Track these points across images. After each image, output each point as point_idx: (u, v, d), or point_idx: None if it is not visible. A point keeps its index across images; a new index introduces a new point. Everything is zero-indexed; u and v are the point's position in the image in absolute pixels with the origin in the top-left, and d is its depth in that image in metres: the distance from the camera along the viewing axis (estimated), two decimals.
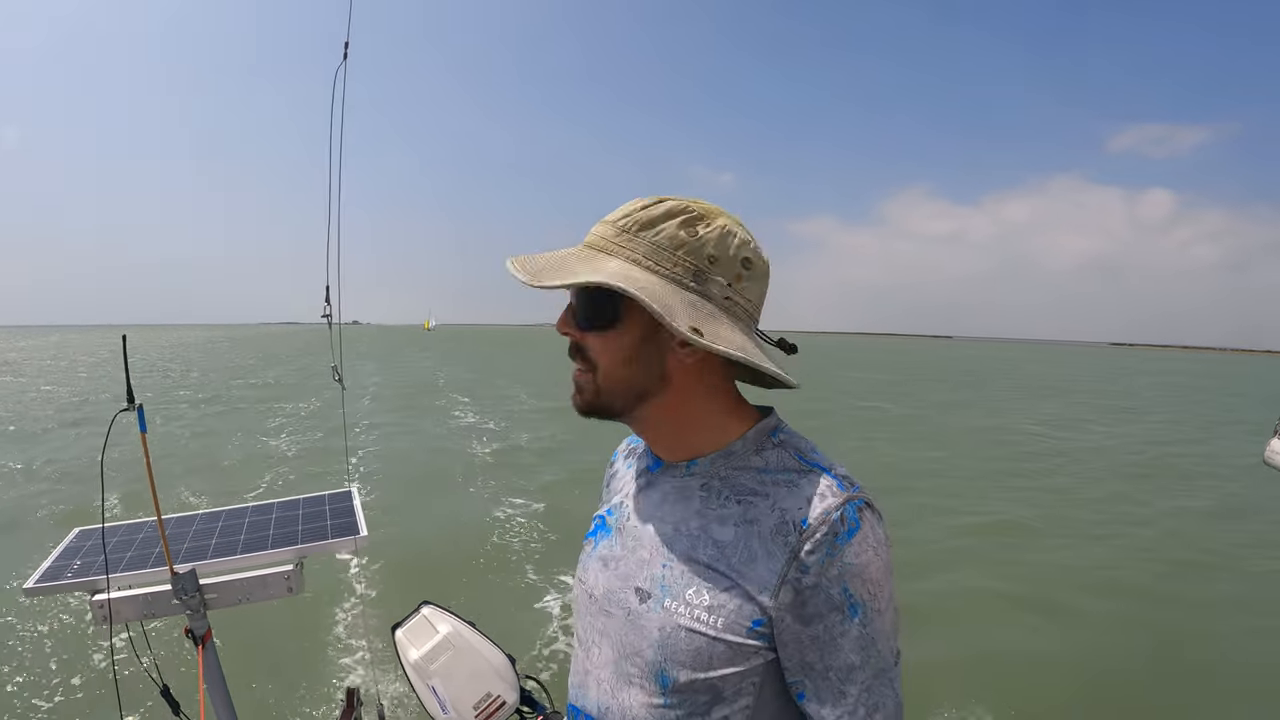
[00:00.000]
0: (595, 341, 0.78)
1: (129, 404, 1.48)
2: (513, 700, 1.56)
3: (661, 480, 0.84)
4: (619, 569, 0.82)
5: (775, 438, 0.81)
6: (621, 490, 0.91)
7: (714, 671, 0.71)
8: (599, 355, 0.78)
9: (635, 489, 0.88)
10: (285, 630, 4.52)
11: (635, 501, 0.86)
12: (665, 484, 0.83)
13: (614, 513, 0.89)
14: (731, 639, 0.71)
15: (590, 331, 0.78)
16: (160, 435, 11.93)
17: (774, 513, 0.73)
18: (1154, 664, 4.57)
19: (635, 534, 0.83)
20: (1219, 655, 4.73)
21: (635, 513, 0.85)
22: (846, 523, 0.70)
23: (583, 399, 0.81)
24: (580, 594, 0.88)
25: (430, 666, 1.53)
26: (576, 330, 0.79)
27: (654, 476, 0.85)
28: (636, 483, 0.88)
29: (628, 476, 0.92)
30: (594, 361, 0.78)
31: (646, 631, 0.75)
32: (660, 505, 0.82)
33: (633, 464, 0.93)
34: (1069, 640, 4.87)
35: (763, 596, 0.70)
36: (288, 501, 2.01)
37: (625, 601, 0.79)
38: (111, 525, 2.00)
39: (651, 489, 0.85)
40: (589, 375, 0.79)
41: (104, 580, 1.64)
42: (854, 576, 0.69)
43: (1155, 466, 11.83)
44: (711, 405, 0.82)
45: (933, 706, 3.89)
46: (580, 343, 0.79)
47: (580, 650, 0.86)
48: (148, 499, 1.58)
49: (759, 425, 0.82)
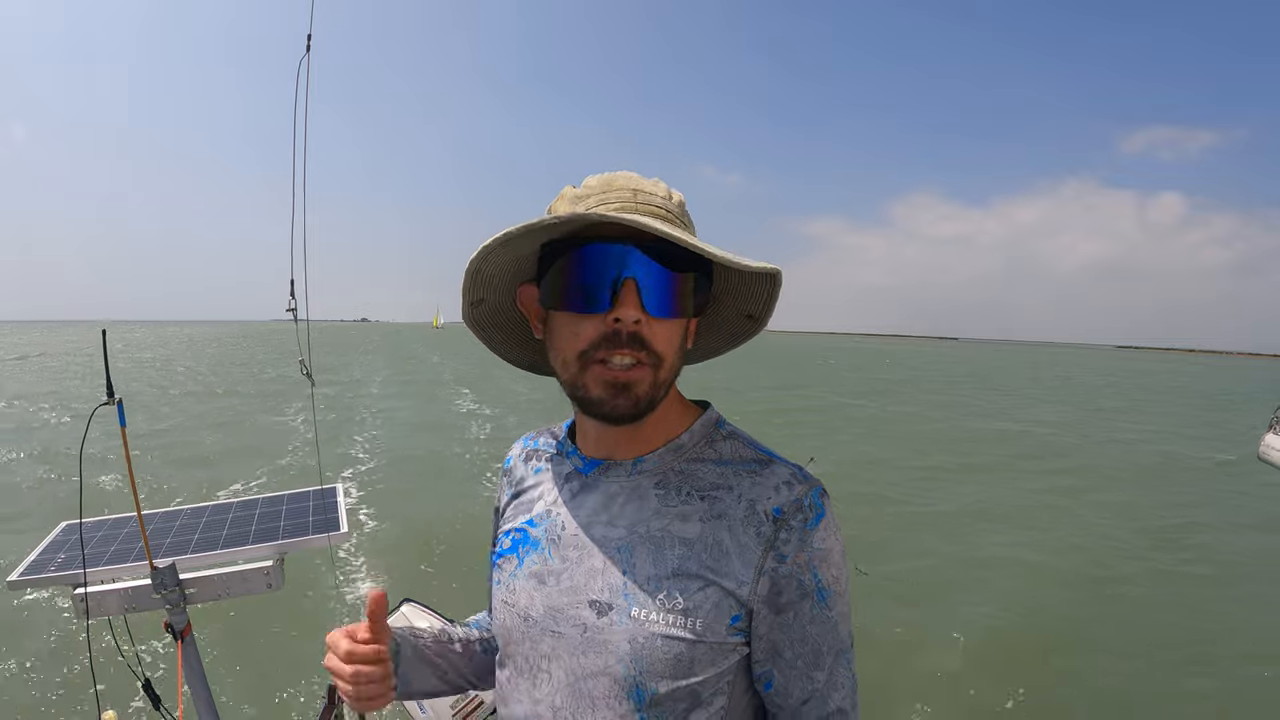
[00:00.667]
0: (663, 330, 0.69)
1: (109, 398, 1.48)
2: (490, 700, 1.56)
3: (602, 482, 0.77)
4: (562, 583, 0.74)
5: (722, 429, 0.78)
6: (541, 499, 0.81)
7: (694, 677, 0.68)
8: (664, 346, 0.69)
9: (566, 495, 0.79)
10: (267, 626, 4.52)
11: (570, 509, 0.77)
12: (607, 485, 0.76)
13: (539, 524, 0.79)
14: (711, 639, 0.68)
15: (665, 317, 0.69)
16: (162, 430, 11.95)
17: (741, 504, 0.70)
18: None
19: (578, 543, 0.74)
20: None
21: (573, 520, 0.76)
22: (814, 509, 0.69)
23: (635, 397, 0.69)
24: (510, 618, 0.77)
25: None
26: (646, 314, 0.67)
27: (590, 478, 0.78)
28: (566, 487, 0.79)
29: (543, 482, 0.83)
30: (657, 353, 0.69)
31: (613, 646, 0.69)
32: (606, 508, 0.75)
33: (544, 468, 0.84)
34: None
35: (740, 590, 0.68)
36: (272, 498, 2.01)
37: (578, 618, 0.71)
38: (98, 520, 2.00)
39: (589, 492, 0.77)
40: (647, 369, 0.69)
41: (84, 574, 1.64)
42: (822, 561, 0.69)
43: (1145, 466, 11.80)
44: (675, 394, 0.78)
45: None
46: (642, 332, 0.68)
47: (522, 680, 0.76)
48: (151, 495, 1.57)
49: (704, 417, 0.79)
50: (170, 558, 1.68)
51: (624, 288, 0.66)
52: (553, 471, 0.83)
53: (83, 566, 1.60)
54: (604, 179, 0.72)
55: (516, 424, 13.81)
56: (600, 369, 0.69)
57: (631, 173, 0.73)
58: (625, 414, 0.69)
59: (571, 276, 0.68)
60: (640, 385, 0.68)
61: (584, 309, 0.68)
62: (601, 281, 0.67)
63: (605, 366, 0.68)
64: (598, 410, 0.70)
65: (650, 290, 0.67)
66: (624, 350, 0.67)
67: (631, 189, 0.70)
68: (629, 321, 0.66)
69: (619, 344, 0.67)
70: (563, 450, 0.83)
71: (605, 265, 0.66)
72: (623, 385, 0.68)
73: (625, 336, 0.67)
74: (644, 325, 0.67)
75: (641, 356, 0.68)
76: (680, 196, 0.73)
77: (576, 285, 0.68)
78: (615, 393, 0.68)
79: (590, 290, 0.67)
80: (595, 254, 0.67)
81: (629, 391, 0.68)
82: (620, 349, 0.67)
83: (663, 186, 0.72)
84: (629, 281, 0.66)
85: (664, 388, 0.71)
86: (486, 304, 0.81)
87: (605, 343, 0.68)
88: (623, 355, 0.67)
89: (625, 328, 0.67)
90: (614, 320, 0.67)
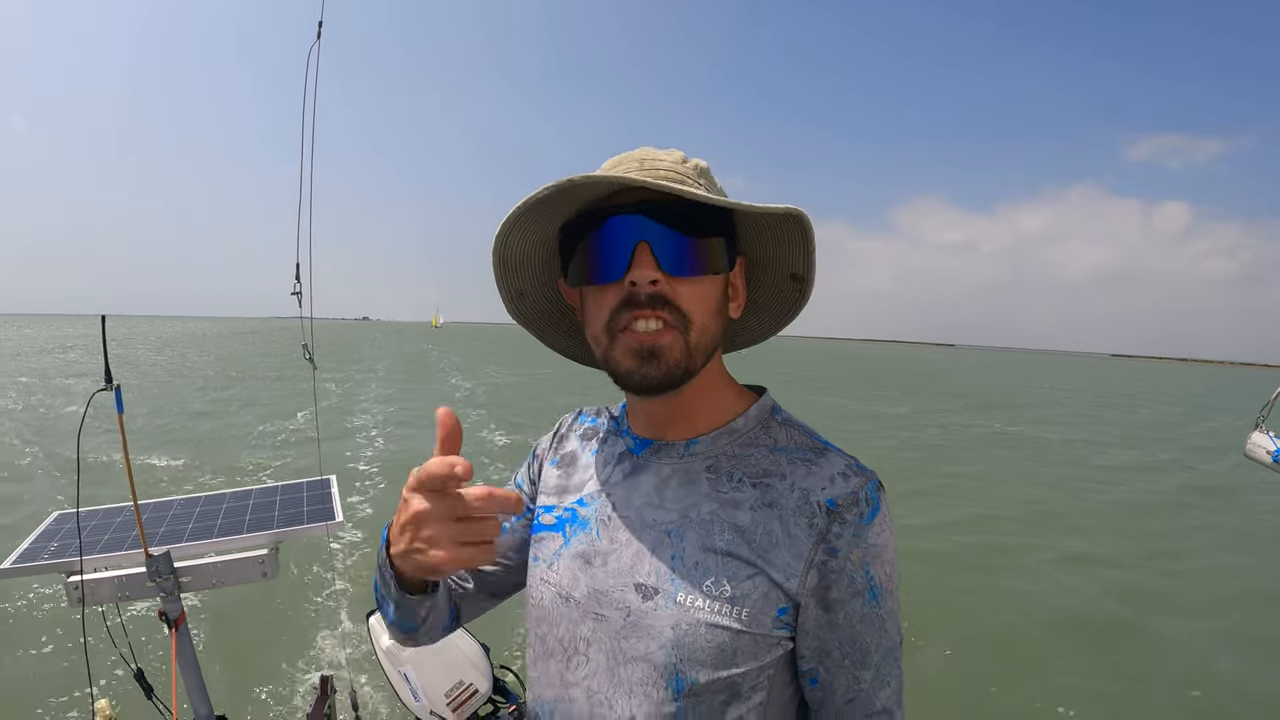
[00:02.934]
0: (688, 289, 0.67)
1: (107, 384, 1.48)
2: (485, 689, 1.57)
3: (653, 463, 0.75)
4: (609, 565, 0.72)
5: (779, 415, 0.76)
6: (593, 478, 0.80)
7: (735, 668, 0.65)
8: (692, 306, 0.67)
9: (618, 476, 0.77)
10: (261, 615, 4.49)
11: (621, 490, 0.76)
12: (660, 467, 0.75)
13: (588, 503, 0.78)
14: (756, 631, 0.65)
15: (686, 276, 0.67)
16: (160, 424, 11.90)
17: (794, 493, 0.68)
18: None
19: (628, 525, 0.73)
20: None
21: (623, 501, 0.75)
22: (870, 503, 0.67)
23: (666, 364, 0.67)
24: (550, 598, 0.76)
25: (402, 654, 1.53)
26: (664, 274, 0.66)
27: (641, 459, 0.76)
28: (616, 468, 0.78)
29: (594, 461, 0.82)
30: (685, 314, 0.67)
31: (656, 631, 0.67)
32: (658, 491, 0.73)
33: (595, 447, 0.83)
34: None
35: (789, 583, 0.66)
36: (266, 488, 2.01)
37: (622, 601, 0.70)
38: (91, 509, 2.00)
39: (641, 474, 0.75)
40: (673, 333, 0.67)
41: (79, 562, 1.64)
42: (875, 558, 0.67)
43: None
44: (722, 374, 0.77)
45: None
46: (664, 293, 0.66)
47: (554, 661, 0.74)
48: (148, 485, 1.58)
49: (760, 402, 0.76)
50: (165, 546, 1.68)
51: (638, 250, 0.66)
52: (605, 451, 0.81)
53: (79, 554, 1.60)
54: (620, 155, 0.72)
55: (498, 405, 13.81)
56: (627, 337, 0.67)
57: (649, 146, 0.72)
58: (656, 383, 0.68)
59: (589, 251, 0.68)
60: (670, 351, 0.67)
61: (603, 279, 0.68)
62: (617, 249, 0.66)
63: (631, 334, 0.67)
64: (630, 382, 0.69)
65: (665, 250, 0.66)
66: (645, 311, 0.66)
67: (640, 158, 0.70)
68: (645, 282, 0.65)
69: (639, 305, 0.66)
70: (616, 429, 0.82)
71: (618, 234, 0.66)
72: (649, 351, 0.67)
73: (645, 298, 0.66)
74: (664, 285, 0.66)
75: (665, 316, 0.66)
76: (700, 163, 0.72)
77: (594, 258, 0.68)
78: (643, 360, 0.67)
79: (607, 260, 0.67)
80: (608, 226, 0.67)
81: (657, 359, 0.67)
82: (641, 310, 0.66)
83: (677, 154, 0.71)
84: (641, 245, 0.66)
85: (701, 354, 0.69)
86: (529, 297, 0.81)
87: (626, 307, 0.67)
88: (646, 318, 0.66)
89: (643, 289, 0.66)
90: (630, 283, 0.66)
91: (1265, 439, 2.70)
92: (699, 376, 0.71)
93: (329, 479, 2.00)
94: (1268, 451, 2.68)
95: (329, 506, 1.81)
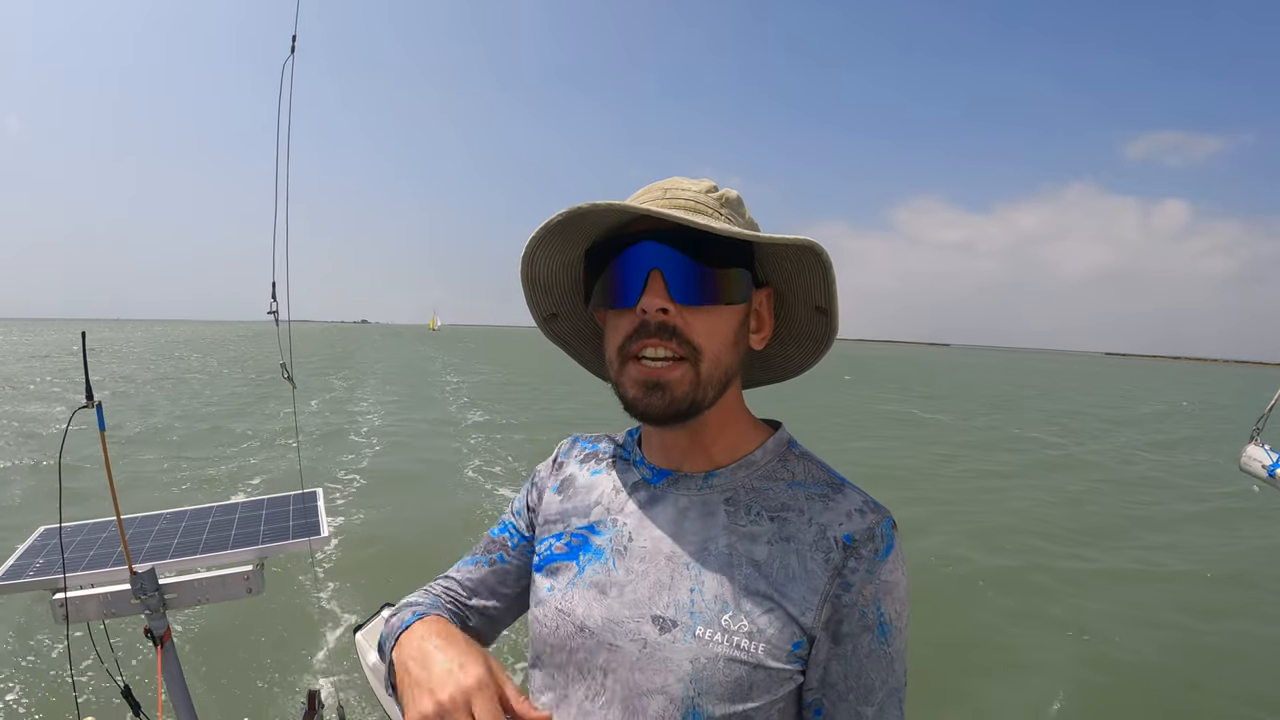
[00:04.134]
0: (700, 320, 0.67)
1: (88, 402, 1.48)
2: None
3: (671, 494, 0.75)
4: (625, 596, 0.71)
5: (795, 449, 0.77)
6: (602, 504, 0.79)
7: (750, 702, 0.66)
8: (704, 337, 0.67)
9: (632, 505, 0.76)
10: (248, 631, 4.46)
11: (637, 519, 0.75)
12: (678, 498, 0.74)
13: (601, 532, 0.76)
14: (772, 665, 0.66)
15: (697, 306, 0.67)
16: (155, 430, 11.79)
17: (811, 528, 0.69)
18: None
19: (646, 555, 0.72)
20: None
21: (641, 531, 0.74)
22: (885, 539, 0.68)
23: (672, 396, 0.67)
24: (563, 626, 0.74)
25: None
26: (674, 304, 0.66)
27: (659, 490, 0.76)
28: (633, 497, 0.77)
29: (603, 487, 0.80)
30: (695, 345, 0.67)
31: (674, 664, 0.67)
32: (676, 522, 0.73)
33: (603, 473, 0.82)
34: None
35: (805, 617, 0.66)
36: (252, 502, 2.01)
37: (639, 633, 0.69)
38: (76, 524, 1.99)
39: (659, 504, 0.75)
40: (683, 366, 0.67)
41: (64, 579, 1.63)
42: (887, 595, 0.67)
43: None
44: (740, 406, 0.77)
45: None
46: (673, 323, 0.67)
47: (570, 691, 0.73)
48: (143, 499, 1.57)
49: (777, 436, 0.77)
50: (150, 562, 1.68)
51: (650, 278, 0.66)
52: (617, 478, 0.80)
53: (62, 571, 1.60)
54: (650, 184, 0.73)
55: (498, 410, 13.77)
56: (635, 366, 0.68)
57: (679, 177, 0.73)
58: (659, 413, 0.68)
59: (607, 276, 0.69)
60: (678, 385, 0.67)
61: (617, 304, 0.69)
62: (631, 276, 0.67)
63: (640, 364, 0.68)
64: (635, 411, 0.70)
65: (677, 279, 0.66)
66: (654, 340, 0.67)
67: (663, 187, 0.71)
68: (654, 310, 0.66)
69: (648, 334, 0.67)
70: (629, 458, 0.81)
71: (633, 261, 0.67)
72: (655, 383, 0.67)
73: (654, 326, 0.67)
74: (675, 315, 0.67)
75: (673, 348, 0.67)
76: (729, 193, 0.72)
77: (611, 283, 0.69)
78: (648, 391, 0.67)
79: (622, 286, 0.68)
80: (626, 253, 0.68)
81: (663, 390, 0.67)
82: (650, 339, 0.67)
83: (706, 183, 0.72)
84: (654, 273, 0.66)
85: (713, 386, 0.69)
86: (561, 319, 0.83)
87: (637, 335, 0.68)
88: (655, 346, 0.67)
89: (652, 317, 0.66)
90: (641, 311, 0.67)
91: (1261, 452, 2.63)
92: (717, 408, 0.71)
93: (315, 492, 2.00)
94: (1263, 465, 2.62)
95: (314, 521, 1.81)
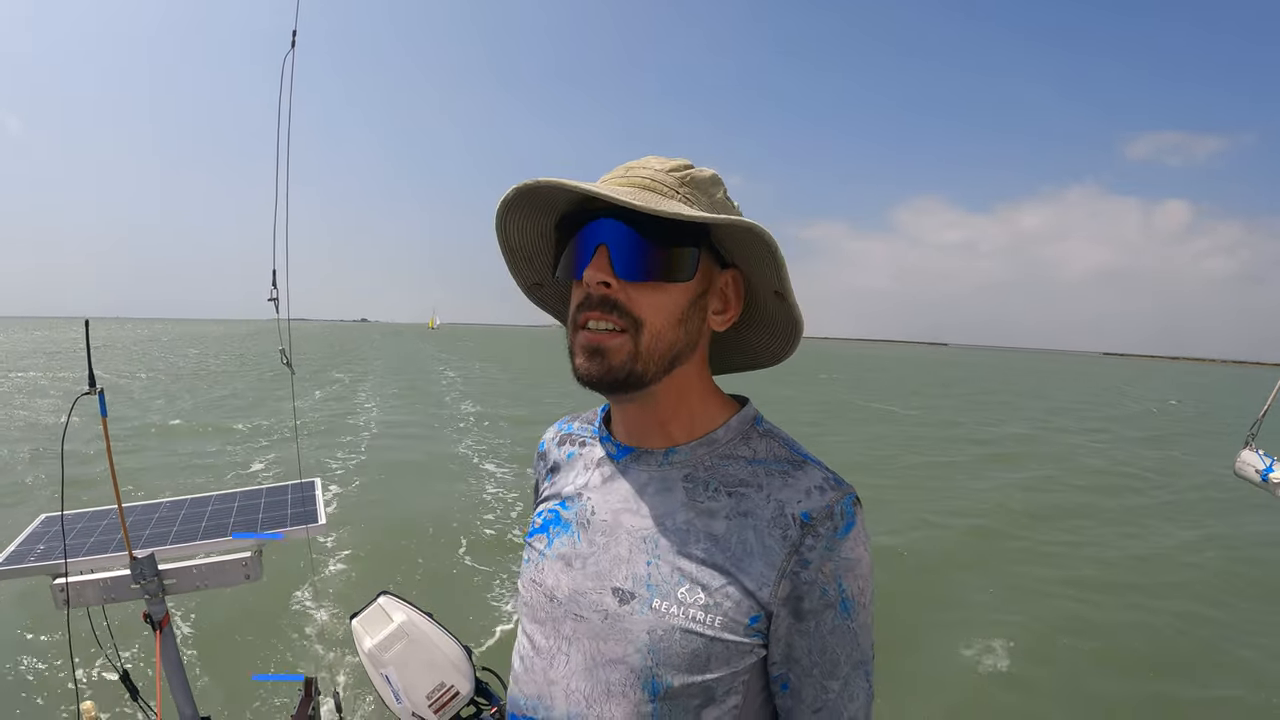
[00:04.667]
0: (644, 295, 0.69)
1: (90, 388, 1.49)
2: (467, 691, 1.58)
3: (632, 470, 0.77)
4: (588, 568, 0.74)
5: (760, 427, 0.77)
6: (573, 482, 0.82)
7: (709, 674, 0.67)
8: (647, 312, 0.69)
9: (596, 480, 0.79)
10: (246, 618, 4.49)
11: (600, 494, 0.78)
12: (638, 474, 0.76)
13: (570, 506, 0.80)
14: (729, 638, 0.67)
15: (641, 282, 0.68)
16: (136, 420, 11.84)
17: (770, 504, 0.69)
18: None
19: (606, 529, 0.75)
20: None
21: (602, 505, 0.77)
22: (845, 517, 0.68)
23: (608, 364, 0.69)
24: (535, 597, 0.78)
25: (384, 655, 1.55)
26: (616, 279, 0.68)
27: (621, 465, 0.78)
28: (596, 473, 0.80)
29: (575, 467, 0.83)
30: (636, 318, 0.69)
31: (632, 635, 0.69)
32: (636, 497, 0.75)
33: (576, 453, 0.85)
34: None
35: (761, 592, 0.67)
36: (251, 491, 2.03)
37: (600, 604, 0.72)
38: (78, 512, 2.01)
39: (619, 479, 0.77)
40: (623, 337, 0.68)
41: (65, 565, 1.65)
42: (848, 571, 0.68)
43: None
44: (703, 385, 0.78)
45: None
46: (615, 296, 0.68)
47: (538, 659, 0.76)
48: (147, 485, 1.59)
49: (741, 413, 0.77)
50: (149, 549, 1.69)
51: (596, 253, 0.68)
52: (585, 456, 0.83)
53: (64, 557, 1.61)
54: (629, 162, 0.74)
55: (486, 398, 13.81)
56: (581, 334, 0.70)
57: (652, 156, 0.74)
58: (597, 378, 0.69)
59: (570, 249, 0.71)
60: (615, 353, 0.68)
61: (570, 276, 0.72)
62: (582, 250, 0.69)
63: (584, 331, 0.70)
64: (578, 376, 0.71)
65: (622, 255, 0.67)
66: (595, 313, 0.68)
67: (628, 166, 0.72)
68: (595, 283, 0.68)
69: (591, 306, 0.69)
70: (597, 435, 0.84)
71: (586, 236, 0.69)
72: (594, 349, 0.69)
73: (596, 299, 0.68)
74: (617, 289, 0.68)
75: (614, 320, 0.68)
76: (694, 173, 0.72)
77: (570, 256, 0.71)
78: (589, 356, 0.69)
79: (576, 260, 0.70)
80: (585, 229, 0.69)
81: (601, 357, 0.69)
82: (592, 312, 0.69)
83: (672, 162, 0.72)
84: (600, 248, 0.68)
85: (654, 360, 0.70)
86: (546, 288, 0.85)
87: (582, 307, 0.70)
88: (596, 319, 0.69)
89: (594, 290, 0.68)
90: (586, 284, 0.69)
91: (1255, 457, 2.67)
92: (669, 384, 0.73)
93: (313, 482, 2.01)
94: (1257, 470, 2.65)
95: (313, 509, 1.83)
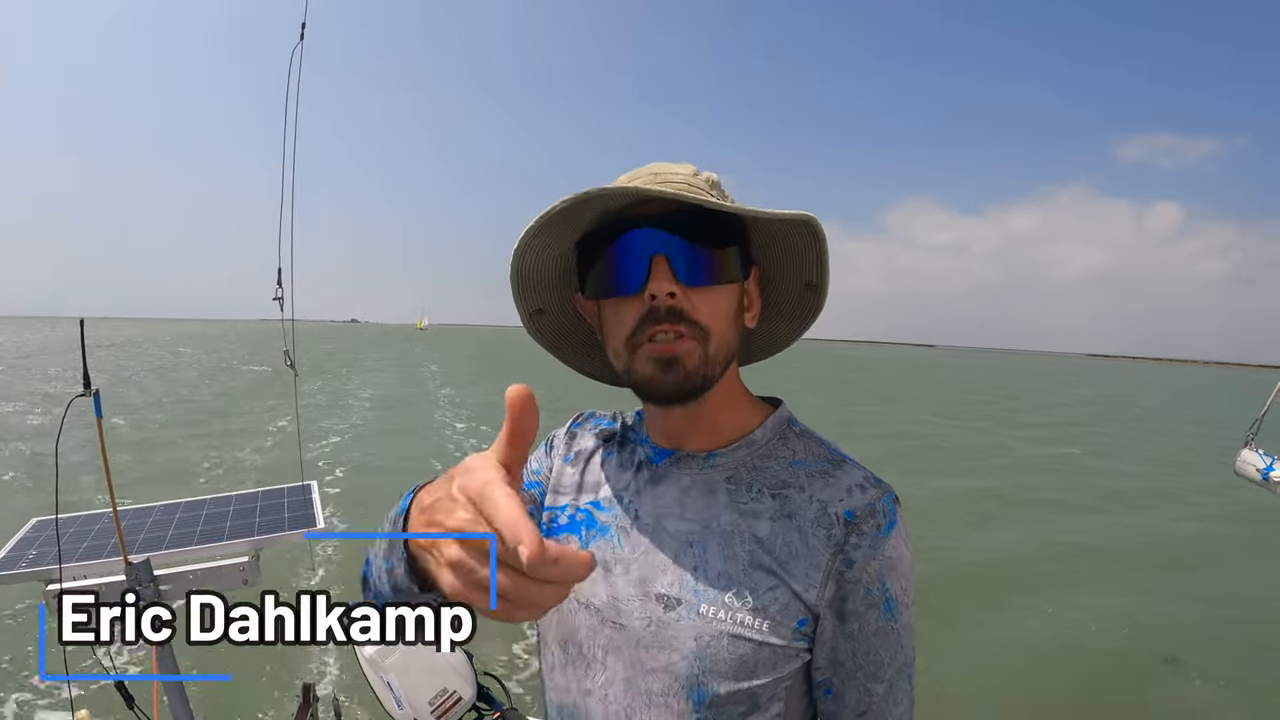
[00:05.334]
0: (705, 301, 0.68)
1: (85, 389, 1.46)
2: (469, 696, 1.56)
3: (673, 473, 0.75)
4: (631, 574, 0.72)
5: (795, 427, 0.77)
6: (609, 482, 0.79)
7: (755, 680, 0.66)
8: (710, 317, 0.68)
9: (636, 483, 0.77)
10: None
11: (641, 498, 0.76)
12: (679, 477, 0.74)
13: (607, 509, 0.77)
14: (777, 642, 0.66)
15: (701, 287, 0.68)
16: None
17: (812, 505, 0.69)
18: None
19: (649, 534, 0.73)
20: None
21: (644, 510, 0.74)
22: (887, 515, 0.68)
23: (685, 372, 0.67)
24: (567, 603, 0.74)
25: (385, 661, 1.52)
26: (681, 287, 0.67)
27: (661, 469, 0.76)
28: (636, 476, 0.77)
29: (610, 466, 0.81)
30: (703, 325, 0.68)
31: (678, 642, 0.67)
32: (679, 501, 0.73)
33: (612, 451, 0.82)
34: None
35: (809, 594, 0.66)
36: (246, 494, 2.00)
37: (644, 611, 0.69)
38: (70, 515, 1.98)
39: (661, 483, 0.75)
40: (692, 344, 0.67)
41: (58, 570, 1.62)
42: (890, 570, 0.67)
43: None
44: (740, 386, 0.78)
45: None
46: (681, 305, 0.67)
47: (572, 669, 0.73)
48: (140, 490, 1.56)
49: (777, 414, 0.77)
50: (145, 554, 1.66)
51: (654, 263, 0.66)
52: (621, 457, 0.81)
53: (58, 563, 1.58)
54: (633, 170, 0.73)
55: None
56: (648, 347, 0.68)
57: (660, 162, 0.73)
58: (674, 390, 0.68)
59: (607, 264, 0.69)
60: (689, 359, 0.67)
61: (621, 291, 0.68)
62: (634, 262, 0.67)
63: (652, 344, 0.68)
64: (650, 390, 0.70)
65: (681, 261, 0.66)
66: (664, 326, 0.67)
67: (653, 172, 0.71)
68: (663, 294, 0.66)
69: (658, 319, 0.67)
70: (634, 438, 0.82)
71: (635, 247, 0.67)
72: (669, 359, 0.67)
73: (664, 311, 0.67)
74: (681, 297, 0.67)
75: (682, 330, 0.67)
76: (711, 175, 0.72)
77: (612, 271, 0.69)
78: (663, 368, 0.67)
79: (625, 273, 0.68)
80: (626, 238, 0.67)
81: (677, 365, 0.67)
82: (660, 325, 0.67)
83: (689, 167, 0.72)
84: (658, 258, 0.66)
85: (719, 364, 0.69)
86: (547, 315, 0.82)
87: (646, 322, 0.67)
88: (665, 332, 0.67)
89: (661, 302, 0.66)
90: (650, 296, 0.66)
91: (1255, 456, 2.70)
92: (717, 388, 0.72)
93: (310, 485, 1.99)
94: (1257, 469, 2.68)
95: (310, 513, 1.81)
